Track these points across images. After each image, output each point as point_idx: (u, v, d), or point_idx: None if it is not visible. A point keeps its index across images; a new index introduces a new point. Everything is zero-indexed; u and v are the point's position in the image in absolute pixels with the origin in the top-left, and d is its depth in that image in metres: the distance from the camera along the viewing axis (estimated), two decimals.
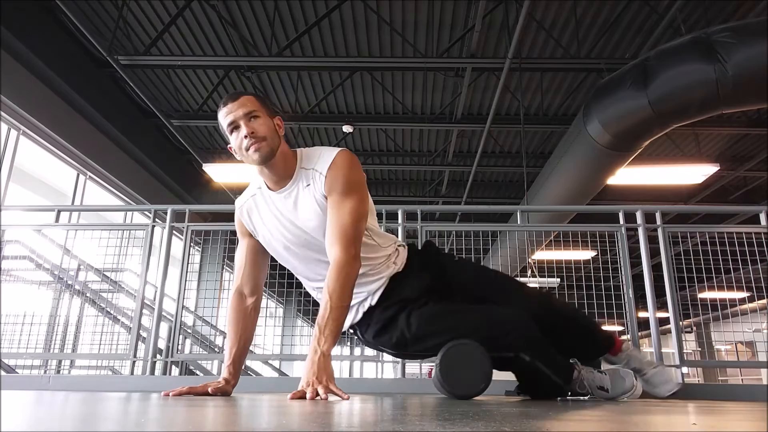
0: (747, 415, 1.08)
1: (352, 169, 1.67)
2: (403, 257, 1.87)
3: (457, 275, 1.90)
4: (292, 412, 0.95)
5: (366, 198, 1.71)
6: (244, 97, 1.64)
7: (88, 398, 1.45)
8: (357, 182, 1.68)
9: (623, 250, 3.31)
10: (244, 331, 1.79)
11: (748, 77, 3.90)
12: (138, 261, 3.47)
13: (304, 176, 1.69)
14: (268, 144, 1.61)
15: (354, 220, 1.62)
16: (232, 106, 1.61)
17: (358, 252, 1.63)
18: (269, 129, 1.63)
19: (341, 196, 1.64)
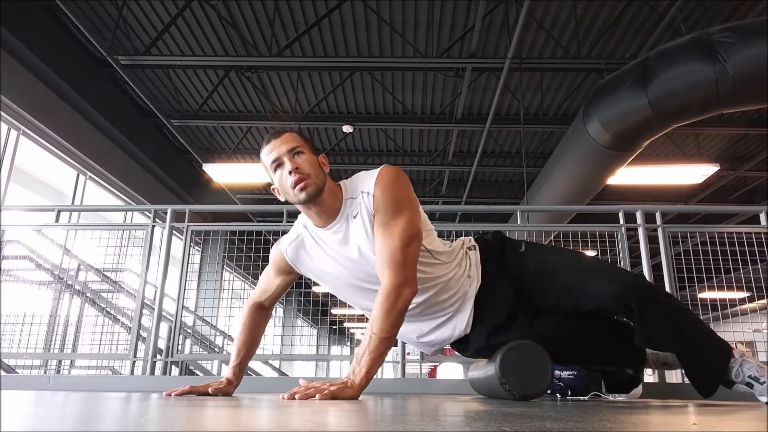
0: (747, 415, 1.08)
1: (398, 184, 1.55)
2: (475, 263, 1.73)
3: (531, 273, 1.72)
4: (291, 412, 0.95)
5: (417, 215, 1.58)
6: (287, 133, 1.57)
7: (88, 398, 1.45)
8: (405, 198, 1.55)
9: (623, 250, 3.31)
10: (255, 338, 1.82)
11: (748, 77, 3.90)
12: (138, 261, 3.48)
13: (350, 207, 1.59)
14: (314, 181, 1.53)
15: (404, 243, 1.49)
16: (275, 142, 1.55)
17: (410, 277, 1.50)
18: (314, 165, 1.55)
19: (389, 215, 1.52)
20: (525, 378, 1.63)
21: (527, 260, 1.74)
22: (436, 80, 6.92)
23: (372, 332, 1.44)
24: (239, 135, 8.37)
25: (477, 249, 1.77)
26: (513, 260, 1.75)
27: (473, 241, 1.81)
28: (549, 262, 1.74)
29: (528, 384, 1.64)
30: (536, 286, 1.70)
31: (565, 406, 1.33)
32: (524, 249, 1.77)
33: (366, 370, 1.42)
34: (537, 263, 1.73)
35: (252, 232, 3.81)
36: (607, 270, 1.73)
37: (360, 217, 1.57)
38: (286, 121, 7.60)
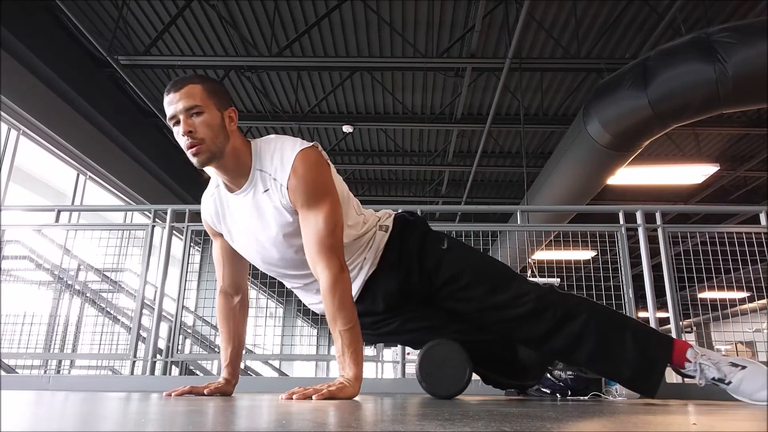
0: (747, 415, 1.08)
1: (314, 172, 1.50)
2: (377, 246, 1.70)
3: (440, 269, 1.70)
4: (291, 411, 0.95)
5: (336, 196, 1.54)
6: (189, 85, 1.46)
7: (88, 398, 1.45)
8: (323, 184, 1.51)
9: (623, 250, 3.31)
10: (236, 329, 1.76)
11: (748, 77, 3.90)
12: (138, 261, 3.47)
13: (260, 179, 1.52)
14: (208, 147, 1.46)
15: (330, 230, 1.48)
16: (173, 96, 1.45)
17: (343, 261, 1.51)
18: (212, 127, 1.46)
19: (310, 206, 1.49)
20: (443, 378, 1.66)
21: (447, 259, 1.70)
22: (436, 80, 6.92)
23: (339, 329, 1.46)
24: None
25: (388, 231, 1.73)
26: (430, 254, 1.71)
27: (390, 220, 1.76)
28: (468, 268, 1.71)
29: (445, 384, 1.66)
30: (448, 287, 1.69)
31: (565, 406, 1.33)
32: (446, 246, 1.73)
33: (353, 364, 1.44)
34: (456, 266, 1.70)
35: None
36: (525, 284, 1.71)
37: (270, 198, 1.52)
38: (286, 121, 7.61)
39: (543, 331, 1.63)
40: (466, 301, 1.69)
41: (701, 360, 1.59)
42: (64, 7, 5.01)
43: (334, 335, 1.47)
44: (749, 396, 1.54)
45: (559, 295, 1.68)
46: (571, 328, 1.62)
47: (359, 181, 10.11)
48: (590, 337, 1.62)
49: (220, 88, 1.53)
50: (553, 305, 1.64)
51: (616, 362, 1.61)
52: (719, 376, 1.57)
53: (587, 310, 1.66)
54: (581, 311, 1.65)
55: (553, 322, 1.62)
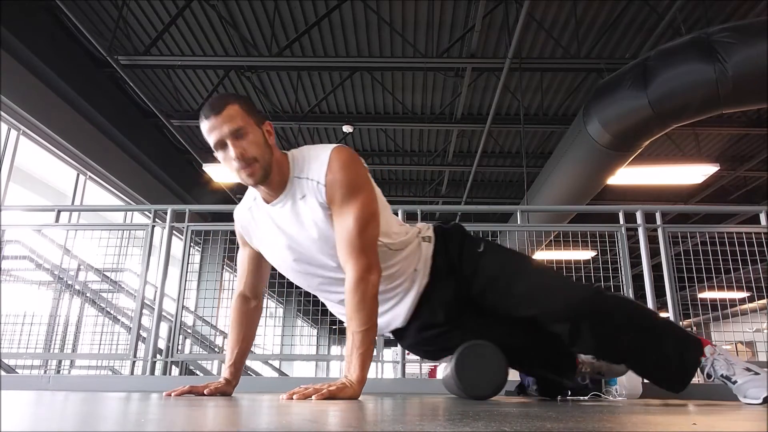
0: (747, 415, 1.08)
1: (350, 168, 1.49)
2: (425, 257, 1.68)
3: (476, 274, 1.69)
4: (292, 412, 0.95)
5: (373, 196, 1.53)
6: (228, 107, 1.43)
7: (88, 398, 1.45)
8: (358, 182, 1.49)
9: (623, 250, 3.31)
10: (247, 333, 1.78)
11: (748, 77, 3.90)
12: (138, 261, 3.48)
13: (297, 186, 1.52)
14: (261, 165, 1.46)
15: (361, 228, 1.46)
16: (215, 120, 1.42)
17: (373, 261, 1.48)
18: (260, 145, 1.46)
19: (343, 203, 1.47)
20: (480, 377, 1.64)
21: (484, 262, 1.70)
22: (436, 80, 6.92)
23: (353, 330, 1.44)
24: None
25: (432, 241, 1.72)
26: (468, 260, 1.71)
27: (431, 231, 1.76)
28: (506, 269, 1.70)
29: (483, 384, 1.65)
30: (487, 291, 1.68)
31: (565, 406, 1.33)
32: (483, 249, 1.73)
33: (359, 366, 1.42)
34: (494, 268, 1.69)
35: None
36: (565, 284, 1.71)
37: (308, 203, 1.51)
38: (286, 122, 7.61)
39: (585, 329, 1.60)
40: (506, 302, 1.67)
41: (716, 357, 1.62)
42: (64, 7, 5.01)
43: (348, 334, 1.45)
44: (744, 393, 1.56)
45: (599, 294, 1.68)
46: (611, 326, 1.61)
47: None
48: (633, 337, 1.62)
49: (252, 104, 1.52)
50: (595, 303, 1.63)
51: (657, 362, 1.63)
52: (728, 374, 1.58)
53: (630, 310, 1.66)
54: (623, 311, 1.65)
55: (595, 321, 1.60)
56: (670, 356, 1.62)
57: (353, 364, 1.43)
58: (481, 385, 1.65)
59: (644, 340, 1.63)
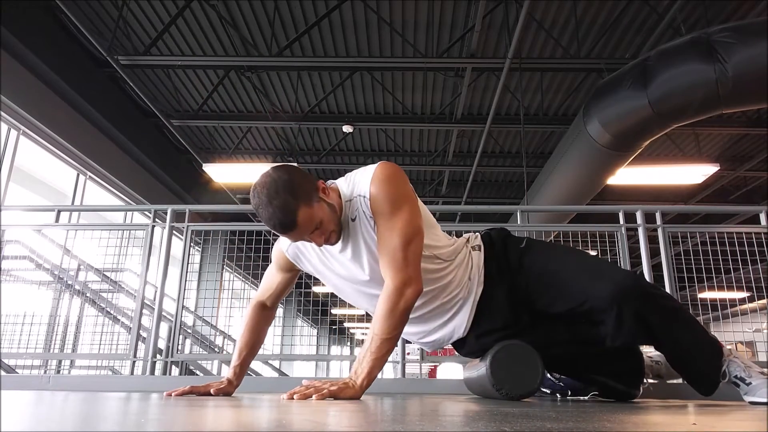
0: (747, 415, 1.08)
1: (394, 182, 1.50)
2: (478, 265, 1.69)
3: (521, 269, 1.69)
4: (292, 411, 0.95)
5: (417, 211, 1.53)
6: (298, 217, 1.40)
7: (88, 398, 1.45)
8: (402, 195, 1.50)
9: (623, 250, 3.31)
10: (258, 338, 1.80)
11: (748, 77, 3.90)
12: (138, 261, 3.47)
13: (349, 210, 1.54)
14: (337, 231, 1.51)
15: (404, 242, 1.45)
16: (294, 234, 1.45)
17: (413, 276, 1.46)
18: (330, 219, 1.48)
19: (387, 215, 1.48)
20: (515, 378, 1.63)
21: (527, 258, 1.70)
22: (436, 80, 6.92)
23: (374, 333, 1.44)
24: (239, 135, 8.37)
25: (482, 249, 1.73)
26: (513, 258, 1.71)
27: (479, 239, 1.77)
28: (550, 262, 1.70)
29: (518, 384, 1.63)
30: (533, 285, 1.67)
31: (565, 406, 1.33)
32: (524, 245, 1.73)
33: (368, 371, 1.42)
34: (537, 262, 1.69)
35: (252, 232, 3.81)
36: (608, 270, 1.68)
37: (359, 221, 1.53)
38: (286, 122, 7.61)
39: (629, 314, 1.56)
40: (555, 295, 1.65)
41: (732, 359, 1.63)
42: (64, 7, 5.01)
43: (368, 337, 1.45)
44: (753, 393, 1.57)
45: (642, 278, 1.68)
46: (655, 310, 1.59)
47: None
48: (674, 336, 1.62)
49: (302, 181, 1.45)
50: (640, 286, 1.61)
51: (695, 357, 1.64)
52: (743, 375, 1.59)
53: (671, 300, 1.67)
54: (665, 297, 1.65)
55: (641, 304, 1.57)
56: (705, 353, 1.64)
57: (363, 367, 1.42)
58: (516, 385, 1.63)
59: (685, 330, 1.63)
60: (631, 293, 1.56)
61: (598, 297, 1.57)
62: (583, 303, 1.59)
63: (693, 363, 1.65)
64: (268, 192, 1.40)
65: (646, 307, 1.57)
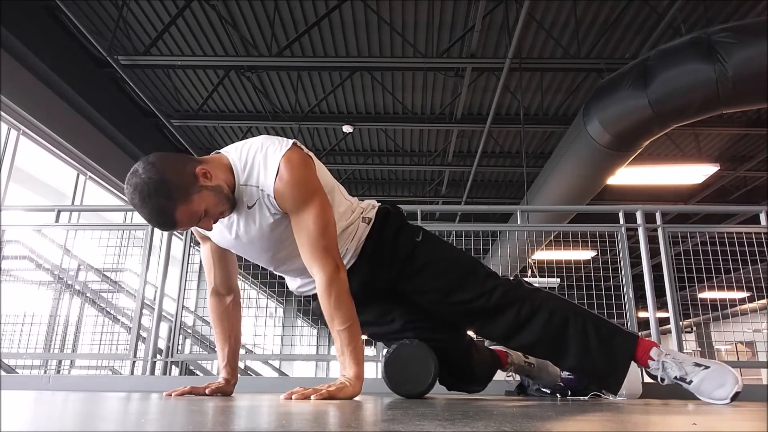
0: (747, 415, 1.08)
1: (299, 174, 1.48)
2: (358, 237, 1.69)
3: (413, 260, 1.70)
4: (291, 411, 0.95)
5: (325, 200, 1.53)
6: (177, 217, 1.37)
7: (88, 398, 1.45)
8: (310, 191, 1.50)
9: (623, 250, 3.31)
10: (231, 329, 1.76)
11: (748, 77, 3.90)
12: (138, 261, 3.48)
13: (245, 194, 1.50)
14: (228, 209, 1.48)
15: (321, 231, 1.48)
16: (180, 228, 1.44)
17: (338, 260, 1.52)
18: (216, 202, 1.43)
19: (300, 210, 1.48)
20: (408, 377, 1.70)
21: (420, 251, 1.71)
22: (436, 80, 6.91)
23: (336, 329, 1.48)
24: (239, 135, 8.37)
25: (370, 223, 1.72)
26: (403, 245, 1.71)
27: (373, 212, 1.75)
28: (441, 261, 1.73)
29: (410, 383, 1.70)
30: (418, 277, 1.70)
31: (565, 406, 1.33)
32: (421, 239, 1.75)
33: (354, 363, 1.46)
34: (429, 257, 1.71)
35: None
36: (491, 270, 1.75)
37: (259, 211, 1.52)
38: (286, 121, 7.60)
39: (509, 325, 1.65)
40: (436, 292, 1.69)
41: (664, 358, 1.59)
42: (64, 7, 5.01)
43: (333, 335, 1.49)
44: (708, 395, 1.53)
45: (526, 290, 1.70)
46: (537, 322, 1.64)
47: (359, 181, 10.11)
48: (556, 332, 1.63)
49: (175, 177, 1.38)
50: (520, 299, 1.66)
51: (581, 358, 1.63)
52: (681, 374, 1.56)
53: (554, 306, 1.67)
54: (548, 306, 1.66)
55: (520, 317, 1.64)
56: (596, 350, 1.61)
57: (347, 362, 1.46)
58: (409, 384, 1.72)
59: (572, 333, 1.63)
60: (514, 302, 1.65)
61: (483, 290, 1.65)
62: (467, 306, 1.66)
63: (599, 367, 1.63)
64: (140, 195, 1.35)
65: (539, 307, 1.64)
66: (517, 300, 1.65)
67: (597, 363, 1.61)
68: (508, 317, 1.65)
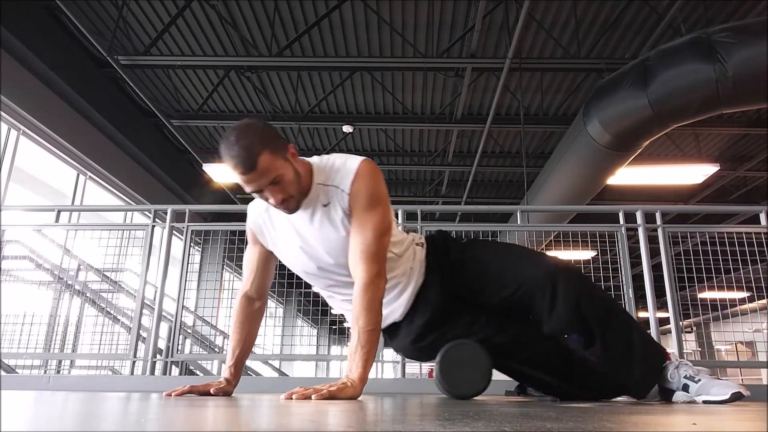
0: (747, 415, 1.08)
1: (375, 181, 1.58)
2: (420, 259, 1.76)
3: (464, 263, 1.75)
4: (292, 412, 0.95)
5: (390, 210, 1.63)
6: (260, 159, 1.43)
7: (88, 398, 1.45)
8: (381, 195, 1.59)
9: (623, 250, 3.31)
10: (249, 333, 1.79)
11: (748, 77, 3.90)
12: (138, 261, 3.48)
13: (322, 193, 1.59)
14: (296, 198, 1.54)
15: (377, 237, 1.54)
16: (251, 176, 1.44)
17: (382, 269, 1.56)
18: (293, 181, 1.51)
19: (364, 212, 1.55)
20: (462, 377, 1.66)
21: (468, 253, 1.77)
22: (436, 80, 6.92)
23: (359, 328, 1.48)
24: None
25: (424, 246, 1.80)
26: (455, 254, 1.77)
27: (423, 238, 1.85)
28: (488, 254, 1.77)
29: (464, 383, 1.67)
30: (474, 278, 1.71)
31: (565, 406, 1.33)
32: (466, 241, 1.86)
33: (362, 365, 1.46)
34: (477, 255, 1.76)
35: None
36: (542, 256, 1.75)
37: (333, 209, 1.58)
38: (286, 121, 7.60)
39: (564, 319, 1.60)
40: (493, 288, 1.69)
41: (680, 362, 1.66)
42: (64, 7, 5.01)
43: (353, 333, 1.49)
44: (707, 391, 1.57)
45: (575, 271, 1.69)
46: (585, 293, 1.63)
47: None
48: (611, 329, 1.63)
49: (274, 135, 1.51)
50: (572, 268, 1.67)
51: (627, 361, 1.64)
52: (692, 374, 1.61)
53: (607, 298, 1.70)
54: (600, 297, 1.67)
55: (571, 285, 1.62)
56: (645, 350, 1.64)
57: (356, 362, 1.46)
58: (465, 385, 1.68)
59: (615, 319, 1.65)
60: (563, 273, 1.62)
61: (532, 278, 1.63)
62: (520, 287, 1.65)
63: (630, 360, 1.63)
64: (238, 133, 1.45)
65: (578, 290, 1.61)
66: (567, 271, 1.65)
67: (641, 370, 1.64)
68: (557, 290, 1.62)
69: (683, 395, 1.61)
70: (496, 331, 1.73)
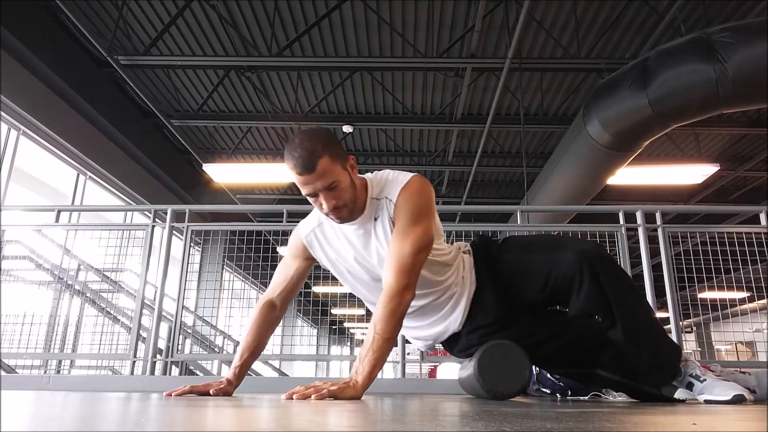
0: (747, 415, 1.08)
1: (422, 196, 1.60)
2: (469, 266, 1.78)
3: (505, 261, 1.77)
4: (292, 412, 0.95)
5: (433, 227, 1.63)
6: (320, 162, 1.47)
7: (88, 398, 1.45)
8: (426, 210, 1.60)
9: (623, 250, 3.31)
10: (261, 339, 1.79)
11: (748, 77, 3.90)
12: (138, 261, 3.48)
13: (375, 208, 1.63)
14: (350, 209, 1.57)
15: (414, 251, 1.54)
16: (309, 177, 1.48)
17: (413, 283, 1.55)
18: (349, 190, 1.55)
19: (407, 224, 1.57)
20: (502, 377, 1.65)
21: (506, 253, 1.79)
22: (436, 80, 6.92)
23: (375, 332, 1.48)
24: (239, 135, 8.37)
25: (470, 254, 1.82)
26: (494, 255, 1.80)
27: (468, 246, 1.87)
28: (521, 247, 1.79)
29: (504, 383, 1.65)
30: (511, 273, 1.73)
31: (565, 406, 1.33)
32: (501, 241, 1.87)
33: (369, 369, 1.45)
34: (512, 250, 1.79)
35: (252, 232, 3.81)
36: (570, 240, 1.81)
37: (381, 221, 1.62)
38: (286, 121, 7.60)
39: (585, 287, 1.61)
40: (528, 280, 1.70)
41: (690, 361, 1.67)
42: (64, 7, 5.01)
43: (368, 336, 1.49)
44: (710, 391, 1.57)
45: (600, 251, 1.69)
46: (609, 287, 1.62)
47: None
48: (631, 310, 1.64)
49: (336, 143, 1.55)
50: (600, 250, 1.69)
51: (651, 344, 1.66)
52: (699, 373, 1.63)
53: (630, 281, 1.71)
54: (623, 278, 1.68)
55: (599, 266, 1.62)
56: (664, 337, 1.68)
57: (364, 365, 1.45)
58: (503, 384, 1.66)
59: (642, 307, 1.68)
60: (590, 254, 1.63)
61: (561, 261, 1.64)
62: (550, 273, 1.65)
63: (650, 345, 1.64)
64: (303, 136, 1.51)
65: (603, 269, 1.62)
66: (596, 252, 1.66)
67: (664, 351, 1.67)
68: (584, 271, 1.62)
69: (685, 392, 1.61)
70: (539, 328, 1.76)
